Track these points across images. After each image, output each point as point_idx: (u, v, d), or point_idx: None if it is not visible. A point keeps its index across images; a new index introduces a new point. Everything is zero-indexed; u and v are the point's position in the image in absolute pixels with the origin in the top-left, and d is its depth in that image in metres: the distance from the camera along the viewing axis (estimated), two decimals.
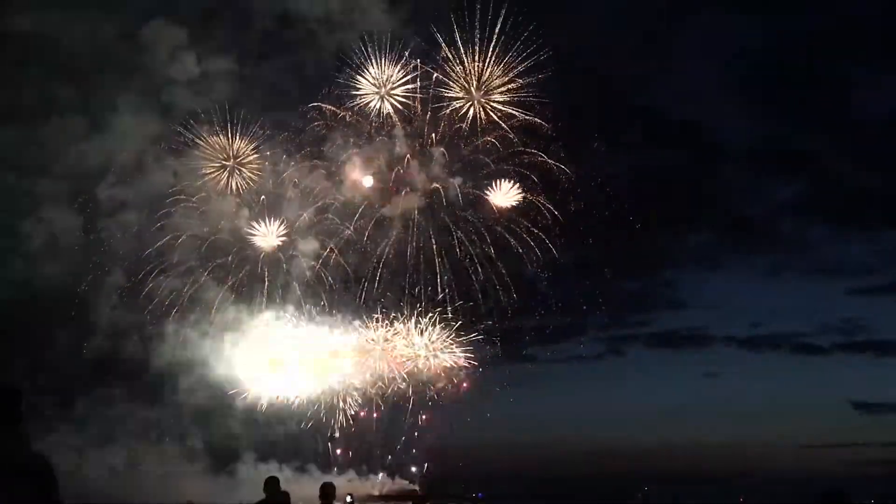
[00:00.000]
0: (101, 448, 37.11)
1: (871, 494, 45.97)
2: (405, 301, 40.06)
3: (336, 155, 39.45)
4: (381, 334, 40.18)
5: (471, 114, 38.08)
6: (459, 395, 41.55)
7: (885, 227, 63.68)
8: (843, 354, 64.52)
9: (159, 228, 38.54)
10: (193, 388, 38.30)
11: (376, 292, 39.77)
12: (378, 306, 39.98)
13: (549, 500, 50.32)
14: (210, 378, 38.70)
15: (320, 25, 36.90)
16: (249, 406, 39.74)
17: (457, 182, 39.29)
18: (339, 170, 39.57)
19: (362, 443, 42.96)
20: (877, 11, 58.47)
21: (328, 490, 10.54)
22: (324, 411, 41.09)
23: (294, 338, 40.01)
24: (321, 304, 40.11)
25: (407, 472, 44.61)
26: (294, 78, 38.80)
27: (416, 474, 44.65)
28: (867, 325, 68.23)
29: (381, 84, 38.12)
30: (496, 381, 42.44)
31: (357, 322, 40.08)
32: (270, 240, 39.77)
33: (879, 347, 65.56)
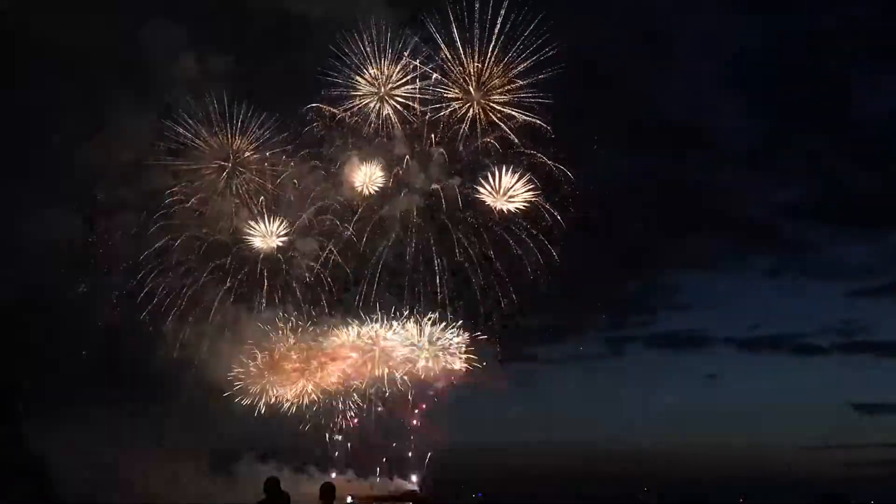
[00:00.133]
0: (100, 448, 37.04)
1: (871, 495, 46.01)
2: (404, 302, 40.09)
3: (335, 155, 39.55)
4: (381, 335, 40.18)
5: (470, 114, 38.13)
6: (459, 396, 41.63)
7: (885, 227, 63.57)
8: (843, 355, 64.48)
9: (158, 229, 38.62)
10: (192, 389, 38.33)
11: (375, 293, 39.81)
12: (377, 307, 40.03)
13: (549, 500, 50.24)
14: (209, 378, 38.73)
15: (320, 25, 36.90)
16: (248, 406, 39.79)
17: (456, 183, 39.32)
18: (338, 170, 39.65)
19: (361, 443, 43.03)
20: (877, 11, 58.53)
21: (328, 490, 10.52)
22: (323, 412, 41.18)
23: (293, 338, 40.04)
24: (320, 305, 40.20)
25: (406, 472, 44.63)
26: (294, 78, 38.80)
27: (416, 475, 44.65)
28: (867, 326, 68.01)
29: (380, 84, 38.14)
30: (496, 381, 42.43)
31: (356, 323, 40.11)
32: (269, 240, 39.80)
33: (879, 348, 65.58)
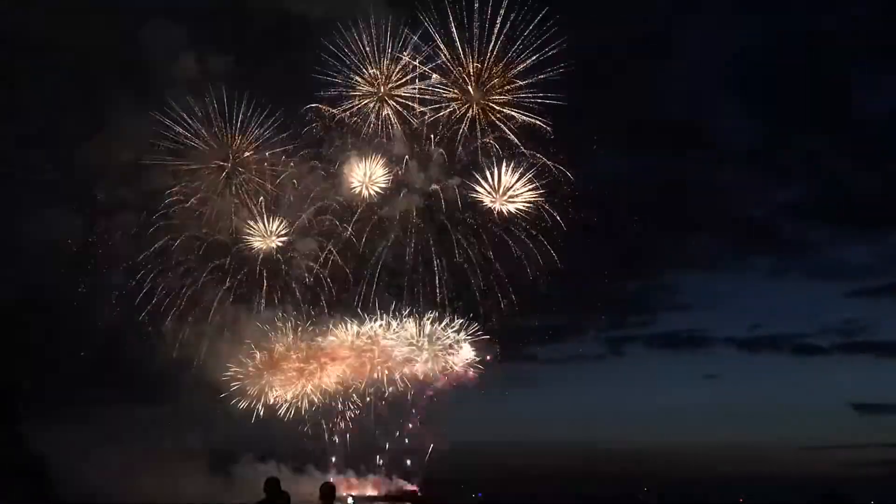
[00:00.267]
0: (100, 448, 37.06)
1: (871, 495, 46.02)
2: (403, 302, 40.07)
3: (335, 156, 39.51)
4: (380, 335, 40.15)
5: (470, 115, 38.06)
6: (459, 396, 41.61)
7: (885, 227, 63.74)
8: (843, 355, 64.65)
9: (158, 229, 38.60)
10: (192, 388, 38.32)
11: (374, 293, 39.78)
12: (377, 307, 39.99)
13: (549, 500, 50.28)
14: (209, 379, 38.71)
15: (320, 25, 36.86)
16: (248, 406, 39.77)
17: (455, 183, 39.28)
18: (337, 171, 39.61)
19: (361, 443, 43.01)
20: (877, 11, 58.60)
21: (328, 490, 10.49)
22: (322, 412, 41.16)
23: (292, 338, 40.00)
24: (320, 305, 40.17)
25: (405, 472, 44.61)
26: (294, 78, 38.75)
27: (415, 475, 44.63)
28: (867, 326, 68.44)
29: (379, 84, 38.08)
30: (496, 381, 42.47)
31: (356, 323, 40.09)
32: (269, 241, 39.75)
33: (879, 348, 65.82)
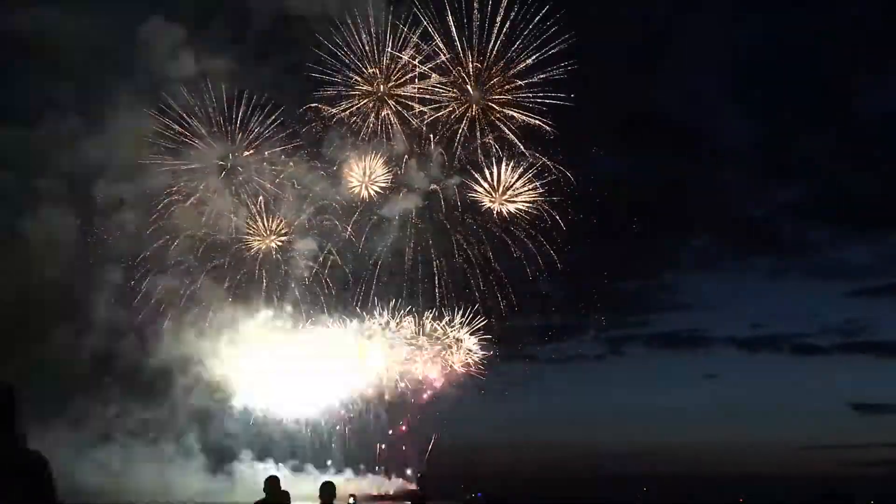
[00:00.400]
0: (98, 447, 37.02)
1: (871, 495, 45.96)
2: (403, 302, 40.03)
3: (334, 155, 39.44)
4: (379, 335, 40.12)
5: (469, 114, 38.02)
6: (459, 396, 41.57)
7: (885, 227, 63.60)
8: (842, 355, 64.38)
9: (157, 228, 38.53)
10: (190, 388, 38.27)
11: (374, 293, 39.74)
12: (376, 307, 39.95)
13: (549, 500, 50.23)
14: (207, 377, 38.64)
15: (319, 25, 36.79)
16: (246, 406, 39.69)
17: (455, 183, 39.24)
18: (337, 170, 39.55)
19: (361, 443, 42.96)
20: (877, 11, 58.54)
21: (328, 489, 10.39)
22: (321, 411, 41.10)
23: (291, 338, 39.93)
24: (319, 305, 40.11)
25: (405, 471, 44.54)
26: (293, 78, 38.70)
27: (415, 474, 44.54)
28: (867, 326, 68.29)
29: (378, 84, 38.01)
30: (496, 381, 42.43)
31: (355, 322, 40.04)
32: (268, 240, 39.67)
33: (879, 348, 65.67)
